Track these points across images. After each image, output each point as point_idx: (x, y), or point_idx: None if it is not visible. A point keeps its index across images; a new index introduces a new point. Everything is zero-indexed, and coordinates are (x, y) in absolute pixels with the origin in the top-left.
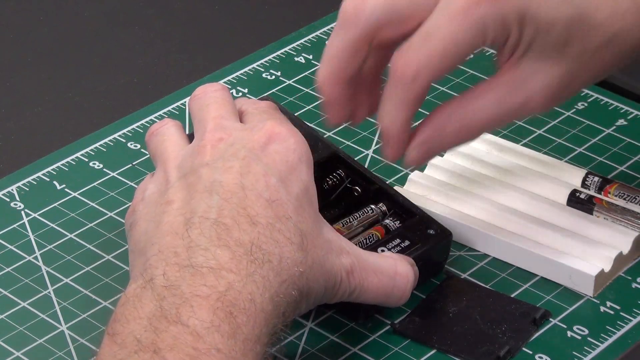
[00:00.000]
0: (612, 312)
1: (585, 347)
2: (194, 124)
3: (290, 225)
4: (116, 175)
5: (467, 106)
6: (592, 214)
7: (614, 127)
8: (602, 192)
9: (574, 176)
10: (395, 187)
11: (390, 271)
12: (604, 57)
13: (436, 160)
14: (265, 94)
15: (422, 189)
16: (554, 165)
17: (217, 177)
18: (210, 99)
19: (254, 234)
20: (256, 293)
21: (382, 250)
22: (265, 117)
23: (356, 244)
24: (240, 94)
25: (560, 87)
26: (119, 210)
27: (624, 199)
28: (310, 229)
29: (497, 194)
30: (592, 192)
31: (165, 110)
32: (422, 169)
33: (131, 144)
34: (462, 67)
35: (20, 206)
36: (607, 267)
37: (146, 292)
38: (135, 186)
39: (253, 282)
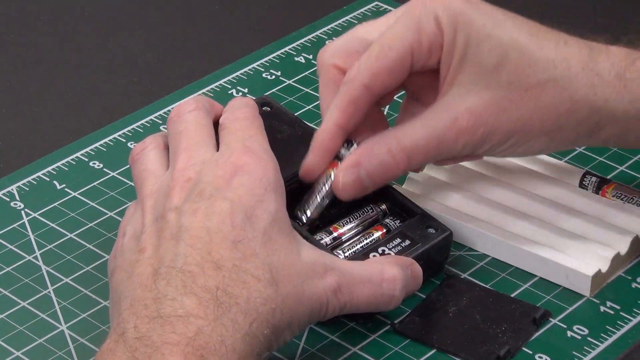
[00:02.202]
0: (612, 312)
1: (585, 347)
2: (170, 147)
3: (258, 263)
4: (116, 175)
5: (398, 130)
6: None
7: None
8: (600, 193)
9: (573, 176)
10: (395, 186)
11: (377, 279)
12: (540, 99)
13: None
14: (265, 94)
15: (421, 188)
16: (553, 165)
17: (184, 221)
18: (182, 123)
19: (219, 278)
20: (226, 335)
21: (383, 250)
22: (238, 137)
23: (356, 244)
24: (240, 93)
25: (486, 112)
26: (119, 210)
27: (622, 199)
28: (282, 260)
29: (496, 194)
30: (590, 193)
31: (165, 110)
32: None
33: (131, 144)
34: None
35: (20, 206)
36: (605, 268)
37: (119, 346)
38: None
39: (222, 325)
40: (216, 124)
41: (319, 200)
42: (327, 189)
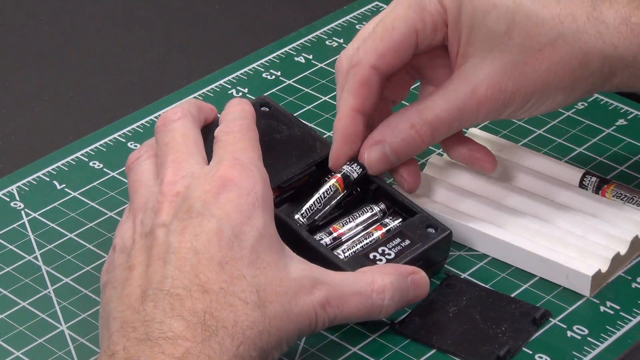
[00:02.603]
0: (612, 312)
1: (585, 347)
2: (158, 158)
3: (244, 285)
4: (116, 175)
5: (419, 104)
6: None
7: (614, 127)
8: (600, 192)
9: (572, 176)
10: (394, 186)
11: (367, 290)
12: (553, 57)
13: (435, 160)
14: (265, 94)
15: (421, 188)
16: (553, 165)
17: (172, 240)
18: (169, 133)
19: (206, 302)
20: (214, 357)
21: (383, 250)
22: (228, 150)
23: (356, 244)
24: (240, 94)
25: (503, 78)
26: (119, 210)
27: (622, 199)
28: (269, 278)
29: (496, 194)
30: (590, 193)
31: (165, 110)
32: (421, 168)
33: (131, 144)
34: None
35: (20, 206)
36: (605, 268)
37: None
38: None
39: (209, 347)
40: (211, 126)
41: (320, 207)
42: (328, 197)
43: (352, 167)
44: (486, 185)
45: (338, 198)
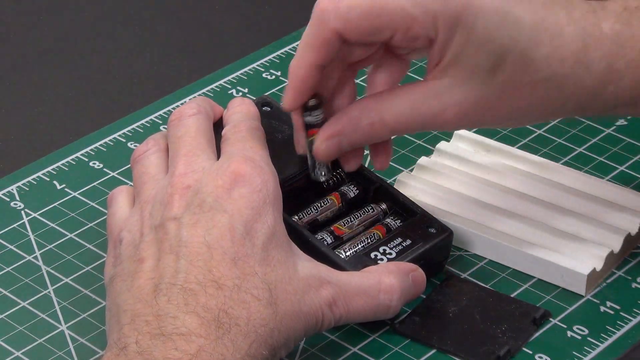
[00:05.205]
0: (612, 312)
1: (585, 347)
2: (169, 151)
3: (257, 282)
4: (116, 175)
5: (383, 103)
6: None
7: (614, 127)
8: None
9: (566, 176)
10: (396, 186)
11: (374, 290)
12: (530, 96)
13: (424, 161)
14: (265, 94)
15: (419, 190)
16: (547, 167)
17: (184, 234)
18: (183, 128)
19: (221, 299)
20: (227, 354)
21: (384, 250)
22: (238, 148)
23: (357, 244)
24: (240, 93)
25: (473, 109)
26: None
27: None
28: (279, 276)
29: (492, 196)
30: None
31: (165, 110)
32: (411, 170)
33: (131, 144)
34: None
35: (20, 206)
36: (599, 266)
37: (120, 359)
38: None
39: (223, 345)
40: (215, 125)
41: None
42: (324, 208)
43: (349, 187)
44: (483, 187)
45: (334, 209)
